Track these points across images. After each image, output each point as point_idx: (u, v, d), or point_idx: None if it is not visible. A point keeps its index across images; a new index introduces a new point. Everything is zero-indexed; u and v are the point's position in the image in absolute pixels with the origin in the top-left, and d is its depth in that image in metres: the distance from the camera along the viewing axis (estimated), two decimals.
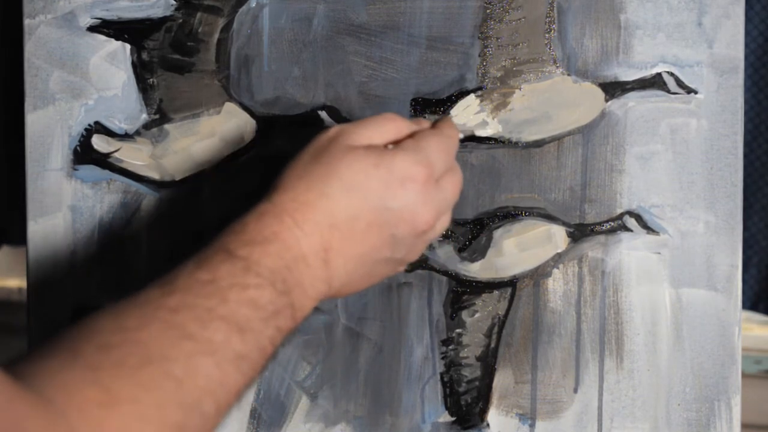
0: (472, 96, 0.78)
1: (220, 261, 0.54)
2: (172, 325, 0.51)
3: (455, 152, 0.64)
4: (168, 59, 0.79)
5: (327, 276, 0.58)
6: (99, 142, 0.79)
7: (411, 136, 0.62)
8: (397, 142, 0.61)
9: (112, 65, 0.79)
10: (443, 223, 0.63)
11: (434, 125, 0.64)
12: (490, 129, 0.78)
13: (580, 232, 0.78)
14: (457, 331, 0.79)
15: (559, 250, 0.78)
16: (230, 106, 0.78)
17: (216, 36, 0.78)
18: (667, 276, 0.77)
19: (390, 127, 0.62)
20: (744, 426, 0.79)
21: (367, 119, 0.62)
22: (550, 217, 0.78)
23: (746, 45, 0.85)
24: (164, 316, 0.51)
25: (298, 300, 0.56)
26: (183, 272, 0.54)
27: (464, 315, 0.79)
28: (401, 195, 0.59)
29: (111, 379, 0.47)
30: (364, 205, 0.58)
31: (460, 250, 0.78)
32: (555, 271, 0.78)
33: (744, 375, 0.87)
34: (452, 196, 0.63)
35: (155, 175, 0.79)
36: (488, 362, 0.79)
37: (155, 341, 0.50)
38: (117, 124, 0.79)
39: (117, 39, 0.79)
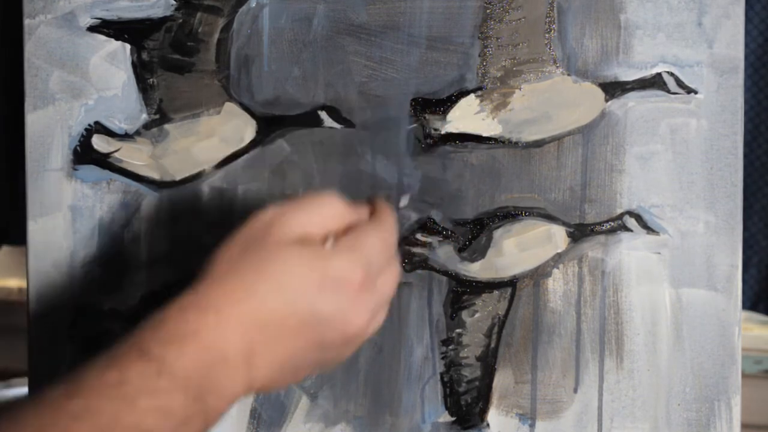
0: (472, 96, 0.78)
1: (131, 361, 0.51)
2: None
3: (394, 246, 0.60)
4: (168, 59, 0.79)
5: (248, 378, 0.54)
6: (99, 142, 0.79)
7: (350, 226, 0.59)
8: (335, 232, 0.58)
9: (112, 65, 0.79)
10: (377, 322, 0.59)
11: (373, 214, 0.61)
12: (490, 129, 0.78)
13: (580, 232, 0.78)
14: (457, 331, 0.79)
15: (559, 250, 0.78)
16: (230, 106, 0.78)
17: (216, 36, 0.78)
18: (667, 276, 0.77)
19: (328, 214, 0.58)
20: (744, 426, 0.79)
21: (304, 201, 0.58)
22: (550, 217, 0.78)
23: (746, 45, 0.85)
24: (64, 423, 0.48)
25: (213, 404, 0.52)
26: (91, 371, 0.51)
27: (464, 315, 0.79)
28: (334, 300, 0.56)
29: None
30: (294, 307, 0.55)
31: (460, 250, 0.78)
32: (555, 271, 0.78)
33: (744, 375, 0.87)
34: (389, 294, 0.59)
35: (155, 175, 0.79)
36: (488, 362, 0.79)
37: None
38: (117, 124, 0.79)
39: (117, 39, 0.79)
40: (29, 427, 0.48)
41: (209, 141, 0.78)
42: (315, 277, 0.55)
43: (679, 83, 0.76)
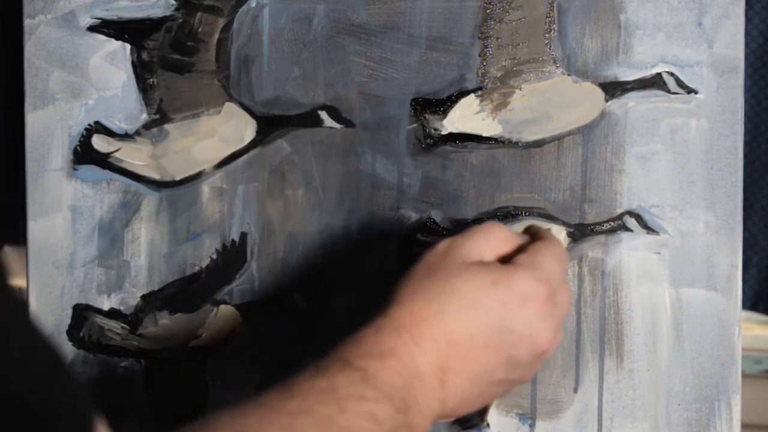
0: (472, 96, 0.78)
1: (337, 370, 0.53)
2: (291, 430, 0.50)
3: (567, 263, 0.63)
4: (168, 59, 0.79)
5: (443, 396, 0.56)
6: (99, 142, 0.79)
7: (521, 248, 0.60)
8: (506, 256, 0.60)
9: (112, 65, 0.79)
10: (558, 339, 0.60)
11: (537, 236, 0.63)
12: (490, 129, 0.78)
13: (580, 232, 0.78)
14: None
15: None
16: (230, 106, 0.78)
17: (216, 36, 0.78)
18: (667, 276, 0.77)
19: (498, 239, 0.60)
20: (744, 426, 0.79)
21: (473, 231, 0.60)
22: (550, 217, 0.78)
23: (746, 45, 0.85)
24: (284, 420, 0.50)
25: (415, 420, 0.54)
26: (301, 378, 0.53)
27: None
28: (521, 314, 0.57)
29: None
30: (482, 323, 0.56)
31: None
32: None
33: (744, 375, 0.87)
34: (567, 310, 0.61)
35: (155, 175, 0.79)
36: None
37: None
38: (117, 124, 0.79)
39: (117, 39, 0.79)
40: (254, 420, 0.50)
41: (209, 141, 0.78)
42: (500, 293, 0.56)
43: (679, 83, 0.76)
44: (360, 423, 0.51)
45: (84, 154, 0.79)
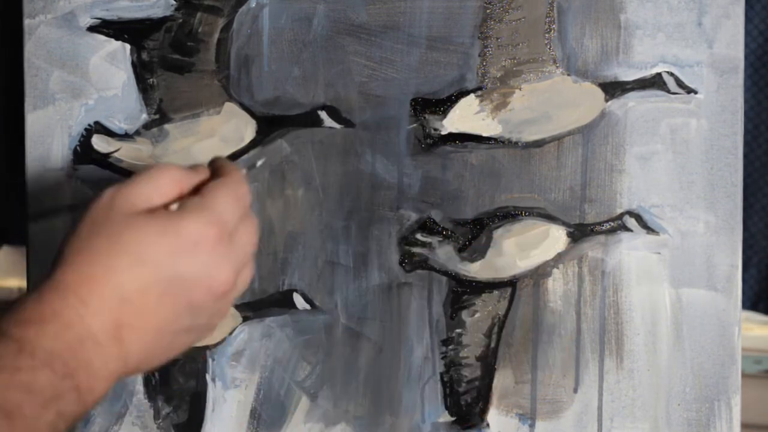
0: (472, 96, 0.78)
1: None
2: None
3: (248, 198, 0.59)
4: (168, 59, 0.79)
5: (121, 353, 0.54)
6: (99, 142, 0.79)
7: (196, 189, 0.58)
8: (180, 198, 0.57)
9: (112, 65, 0.79)
10: (245, 278, 0.59)
11: (215, 172, 0.60)
12: (490, 129, 0.78)
13: (580, 232, 0.78)
14: (457, 331, 0.79)
15: (559, 250, 0.78)
16: (230, 106, 0.78)
17: (216, 36, 0.78)
18: (667, 276, 0.77)
19: (167, 181, 0.57)
20: (744, 426, 0.79)
21: (140, 175, 0.57)
22: (550, 217, 0.78)
23: (746, 45, 0.85)
24: None
25: (86, 382, 0.52)
26: None
27: (464, 315, 0.79)
28: (193, 261, 0.55)
29: None
30: (153, 276, 0.54)
31: (460, 250, 0.78)
32: (555, 271, 0.78)
33: (744, 375, 0.87)
34: (250, 247, 0.58)
35: None
36: (488, 362, 0.79)
37: None
38: (117, 124, 0.79)
39: (117, 39, 0.79)
40: None
41: (209, 141, 0.78)
42: (168, 241, 0.54)
43: (679, 83, 0.76)
44: (12, 395, 0.49)
45: (84, 154, 0.79)
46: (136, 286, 0.54)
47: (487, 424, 0.79)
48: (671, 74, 0.76)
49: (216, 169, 0.60)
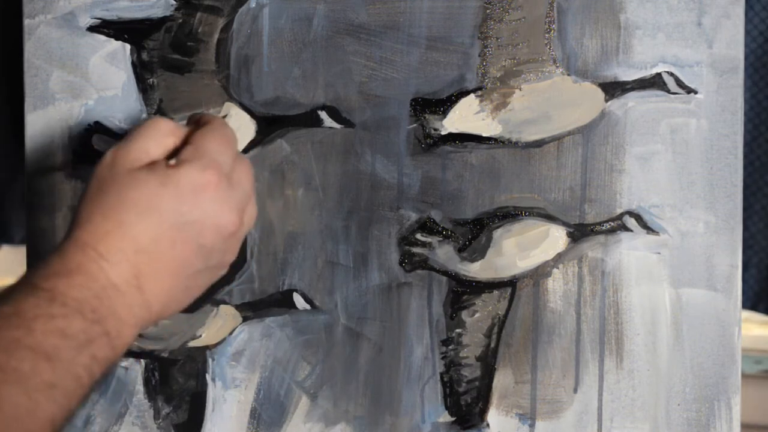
0: (472, 96, 0.78)
1: (24, 294, 0.54)
2: None
3: (236, 140, 0.64)
4: (168, 59, 0.79)
5: (143, 301, 0.58)
6: (99, 142, 0.79)
7: (187, 139, 0.61)
8: (177, 149, 0.61)
9: (112, 65, 0.79)
10: (251, 215, 0.63)
11: (200, 122, 0.63)
12: (490, 129, 0.78)
13: (580, 232, 0.78)
14: (457, 331, 0.79)
15: (559, 250, 0.78)
16: (230, 106, 0.78)
17: (216, 36, 0.78)
18: (667, 276, 0.77)
19: (162, 133, 0.61)
20: (744, 426, 0.79)
21: (136, 131, 0.61)
22: (550, 217, 0.78)
23: (746, 45, 0.85)
24: None
25: (114, 328, 0.56)
26: None
27: (464, 315, 0.79)
28: (197, 206, 0.59)
29: None
30: (162, 225, 0.58)
31: (460, 250, 0.78)
32: (555, 271, 0.78)
33: (744, 375, 0.87)
34: (248, 186, 0.62)
35: None
36: (488, 362, 0.79)
37: None
38: (117, 124, 0.79)
39: (117, 39, 0.79)
40: None
41: None
42: (171, 191, 0.58)
43: (679, 83, 0.76)
44: (49, 340, 0.52)
45: (84, 154, 0.79)
46: (148, 236, 0.57)
47: (487, 424, 0.79)
48: (671, 74, 0.76)
49: (197, 120, 0.64)
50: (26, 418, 0.50)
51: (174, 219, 0.58)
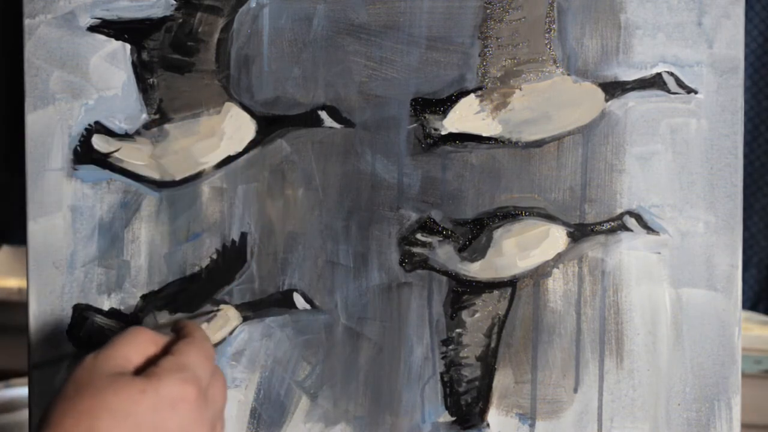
0: (472, 96, 0.78)
1: None
2: None
3: (214, 355, 0.65)
4: (168, 59, 0.79)
5: None
6: (99, 142, 0.79)
7: (167, 348, 0.62)
8: (156, 356, 0.61)
9: (112, 65, 0.79)
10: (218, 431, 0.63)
11: (181, 333, 0.64)
12: (490, 129, 0.78)
13: (580, 232, 0.78)
14: (457, 331, 0.79)
15: (559, 250, 0.78)
16: (230, 106, 0.78)
17: (216, 36, 0.78)
18: (667, 276, 0.77)
19: (143, 341, 0.62)
20: (744, 426, 0.79)
21: (117, 339, 0.61)
22: (550, 217, 0.78)
23: (746, 45, 0.85)
24: None
25: None
26: None
27: (464, 315, 0.79)
28: (172, 417, 0.58)
29: None
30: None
31: (460, 250, 0.78)
32: (555, 271, 0.78)
33: (744, 375, 0.87)
34: (222, 403, 0.63)
35: (155, 175, 0.79)
36: (488, 362, 0.79)
37: None
38: (117, 124, 0.79)
39: (117, 39, 0.79)
40: None
41: (209, 141, 0.78)
42: (149, 400, 0.57)
43: (679, 83, 0.76)
44: None
45: (84, 154, 0.79)
46: None
47: (487, 424, 0.79)
48: (671, 74, 0.76)
49: (179, 329, 0.65)
50: None
51: (148, 429, 0.57)
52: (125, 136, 0.79)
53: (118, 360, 0.60)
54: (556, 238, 0.77)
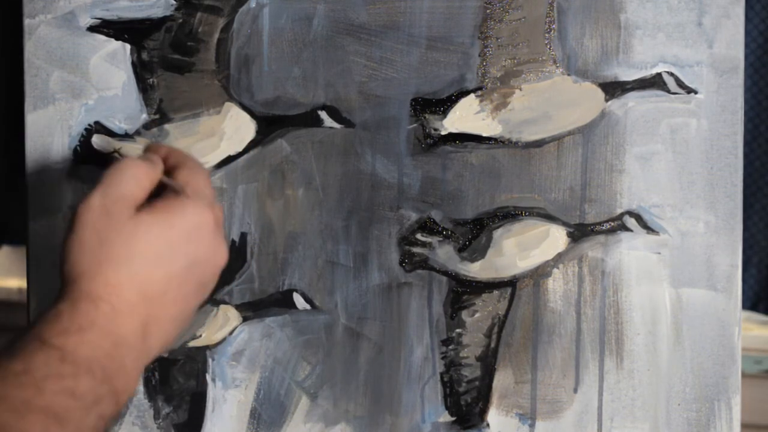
0: (472, 96, 0.78)
1: (33, 351, 0.53)
2: None
3: (210, 177, 0.66)
4: (168, 59, 0.79)
5: (147, 349, 0.58)
6: (99, 142, 0.79)
7: (171, 171, 0.63)
8: (155, 189, 0.61)
9: (112, 65, 0.79)
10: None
11: (172, 161, 0.64)
12: (490, 129, 0.78)
13: (580, 232, 0.78)
14: (457, 331, 0.79)
15: (559, 250, 0.78)
16: (230, 106, 0.78)
17: (216, 36, 0.78)
18: (667, 276, 0.77)
19: (142, 176, 0.61)
20: (744, 426, 0.79)
21: (116, 178, 0.60)
22: (550, 217, 0.78)
23: (746, 45, 0.85)
24: None
25: (121, 384, 0.56)
26: None
27: (464, 315, 0.79)
28: (200, 243, 0.60)
29: None
30: (172, 268, 0.59)
31: (460, 250, 0.78)
32: (555, 271, 0.78)
33: (744, 375, 0.87)
34: (222, 221, 0.64)
35: None
36: (488, 362, 0.79)
37: None
38: (117, 124, 0.79)
39: (117, 39, 0.79)
40: None
41: (209, 141, 0.78)
42: (178, 233, 0.59)
43: (679, 83, 0.76)
44: (59, 401, 0.52)
45: (84, 154, 0.79)
46: (159, 283, 0.58)
47: (487, 424, 0.79)
48: (671, 74, 0.76)
49: (166, 157, 0.65)
50: None
51: (184, 260, 0.59)
52: (125, 136, 0.79)
53: (127, 200, 0.59)
54: (556, 238, 0.77)
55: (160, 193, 0.62)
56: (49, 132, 0.79)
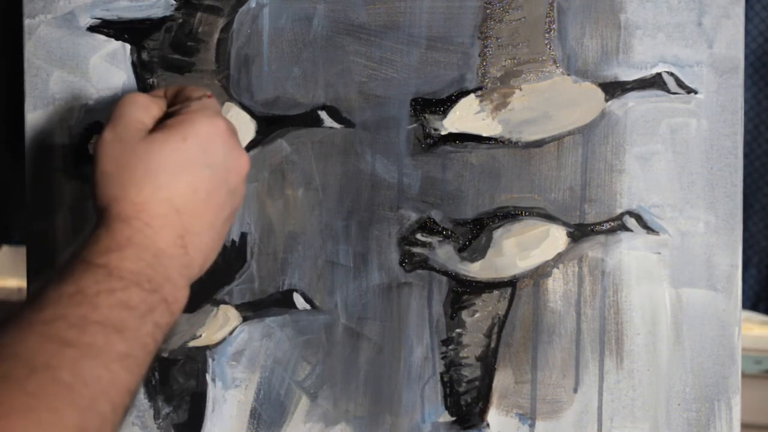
0: (472, 96, 0.78)
1: (81, 272, 0.56)
2: (49, 337, 0.52)
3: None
4: (168, 59, 0.79)
5: (189, 260, 0.60)
6: None
7: (171, 104, 0.65)
8: (164, 114, 0.64)
9: (112, 65, 0.79)
10: None
11: (170, 90, 0.67)
12: (490, 129, 0.78)
13: (580, 232, 0.78)
14: (457, 331, 0.79)
15: (559, 250, 0.78)
16: (230, 106, 0.78)
17: (216, 36, 0.78)
18: (667, 276, 0.77)
19: (145, 103, 0.64)
20: (744, 426, 0.79)
21: (122, 109, 0.63)
22: (550, 217, 0.78)
23: (746, 45, 0.85)
24: (39, 329, 0.52)
25: (170, 293, 0.58)
26: (48, 289, 0.55)
27: (464, 315, 0.79)
28: (219, 150, 0.62)
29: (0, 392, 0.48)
30: (195, 177, 0.61)
31: (460, 250, 0.78)
32: (555, 271, 0.78)
33: (744, 375, 0.87)
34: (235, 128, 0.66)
35: None
36: (488, 362, 0.79)
37: (36, 353, 0.51)
38: None
39: (117, 39, 0.79)
40: (9, 336, 0.52)
41: None
42: (194, 143, 0.61)
43: (679, 83, 0.76)
44: (115, 313, 0.54)
45: (84, 154, 0.79)
46: (185, 193, 0.60)
47: (487, 424, 0.79)
48: (671, 74, 0.76)
49: (164, 91, 0.68)
50: (110, 390, 0.52)
51: (204, 170, 0.61)
52: None
53: (137, 125, 0.62)
54: (556, 238, 0.77)
55: None
56: (49, 132, 0.79)
